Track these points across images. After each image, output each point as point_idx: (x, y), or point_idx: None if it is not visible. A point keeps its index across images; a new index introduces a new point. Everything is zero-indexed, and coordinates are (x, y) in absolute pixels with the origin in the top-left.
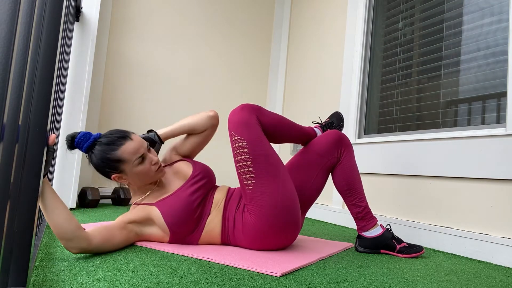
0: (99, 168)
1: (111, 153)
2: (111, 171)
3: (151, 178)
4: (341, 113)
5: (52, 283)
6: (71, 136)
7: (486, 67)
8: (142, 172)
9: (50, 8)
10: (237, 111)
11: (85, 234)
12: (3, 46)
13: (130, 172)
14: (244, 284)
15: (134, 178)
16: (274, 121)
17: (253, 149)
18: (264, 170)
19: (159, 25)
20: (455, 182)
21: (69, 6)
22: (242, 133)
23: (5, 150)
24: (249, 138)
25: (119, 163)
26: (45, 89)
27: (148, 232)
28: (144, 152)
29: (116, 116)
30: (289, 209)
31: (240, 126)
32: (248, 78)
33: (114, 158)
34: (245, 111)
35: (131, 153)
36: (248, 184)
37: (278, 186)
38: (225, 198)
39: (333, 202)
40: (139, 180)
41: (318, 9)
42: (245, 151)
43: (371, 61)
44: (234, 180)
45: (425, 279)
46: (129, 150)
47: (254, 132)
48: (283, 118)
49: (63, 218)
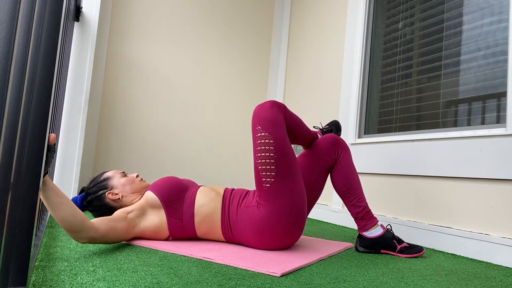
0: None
1: (97, 178)
2: (105, 191)
3: (137, 185)
4: (339, 122)
5: (52, 283)
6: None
7: (486, 67)
8: (129, 180)
9: (50, 8)
10: (266, 107)
11: (91, 224)
12: (3, 46)
13: (118, 183)
14: (244, 284)
15: (123, 187)
16: (294, 122)
17: (278, 148)
18: (285, 170)
19: (159, 25)
20: (455, 182)
21: (69, 6)
22: (270, 130)
23: (5, 150)
24: (276, 137)
25: (106, 181)
26: (45, 89)
27: (147, 222)
28: (124, 171)
29: (116, 116)
30: (299, 211)
31: (269, 123)
32: (248, 78)
33: (101, 178)
34: (275, 109)
35: (112, 172)
36: (266, 181)
37: (294, 188)
38: (224, 190)
39: (333, 202)
40: (128, 188)
41: (318, 9)
42: (270, 149)
43: (371, 61)
44: (235, 181)
45: (425, 279)
46: (110, 172)
47: (281, 131)
48: (301, 120)
49: (69, 212)
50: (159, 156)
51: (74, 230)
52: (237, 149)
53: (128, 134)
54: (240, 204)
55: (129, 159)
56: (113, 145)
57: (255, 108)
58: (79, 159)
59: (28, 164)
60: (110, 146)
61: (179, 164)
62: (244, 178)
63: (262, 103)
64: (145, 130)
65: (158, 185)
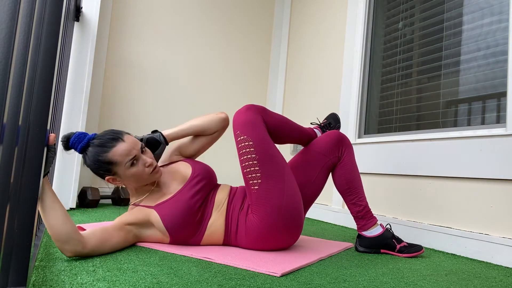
0: (92, 169)
1: (102, 155)
2: (104, 173)
3: (145, 180)
4: (337, 114)
5: (52, 283)
6: (66, 137)
7: (486, 67)
8: (136, 174)
9: (50, 8)
10: (242, 111)
11: (80, 238)
12: (3, 46)
13: (123, 174)
14: (244, 284)
15: (128, 180)
16: (277, 122)
17: (259, 149)
18: (270, 171)
19: (159, 25)
20: (455, 182)
21: (69, 6)
22: (248, 133)
23: (5, 150)
24: (255, 138)
25: (111, 165)
26: (45, 89)
27: (147, 234)
28: (136, 154)
29: (116, 116)
30: (293, 210)
31: (246, 126)
32: (248, 78)
33: (105, 160)
34: (251, 112)
35: (123, 155)
36: (254, 183)
37: (284, 187)
38: (228, 199)
39: (333, 202)
40: (134, 182)
41: (318, 9)
42: (251, 151)
43: (371, 61)
44: (235, 180)
45: (425, 279)
46: (120, 152)
47: (260, 132)
48: (286, 119)
49: (60, 220)
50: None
51: (60, 240)
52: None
53: None
54: (240, 213)
55: None
56: None
57: (233, 115)
58: (79, 159)
59: (28, 164)
60: None
61: None
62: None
63: (239, 109)
64: (145, 130)
65: (171, 216)
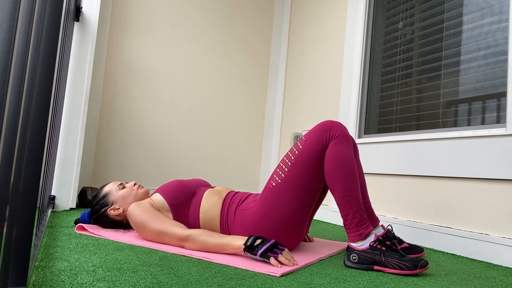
0: (97, 212)
1: (98, 195)
2: (106, 208)
3: (137, 195)
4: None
5: (52, 283)
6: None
7: (486, 67)
8: (127, 192)
9: (50, 8)
10: (345, 130)
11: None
12: (3, 46)
13: (117, 197)
14: (244, 284)
15: (123, 201)
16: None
17: (302, 156)
18: (295, 180)
19: (159, 25)
20: (455, 182)
21: (69, 6)
22: (310, 138)
23: (5, 150)
24: (308, 147)
25: (106, 197)
26: (45, 89)
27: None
28: (123, 182)
29: (116, 116)
30: (289, 229)
31: (316, 132)
32: (248, 78)
33: (101, 195)
34: (345, 138)
35: (110, 185)
36: (275, 179)
37: (292, 201)
38: (227, 194)
39: (333, 202)
40: (128, 200)
41: (318, 9)
42: (295, 152)
43: (371, 61)
44: (240, 187)
45: (425, 279)
46: (110, 186)
47: (314, 147)
48: (360, 175)
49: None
50: (159, 156)
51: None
52: (237, 149)
53: (128, 134)
54: (238, 208)
55: (129, 159)
56: (113, 145)
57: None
58: (79, 159)
59: (28, 164)
60: (110, 146)
61: (179, 164)
62: (244, 179)
63: (344, 127)
64: (145, 130)
65: (166, 189)
